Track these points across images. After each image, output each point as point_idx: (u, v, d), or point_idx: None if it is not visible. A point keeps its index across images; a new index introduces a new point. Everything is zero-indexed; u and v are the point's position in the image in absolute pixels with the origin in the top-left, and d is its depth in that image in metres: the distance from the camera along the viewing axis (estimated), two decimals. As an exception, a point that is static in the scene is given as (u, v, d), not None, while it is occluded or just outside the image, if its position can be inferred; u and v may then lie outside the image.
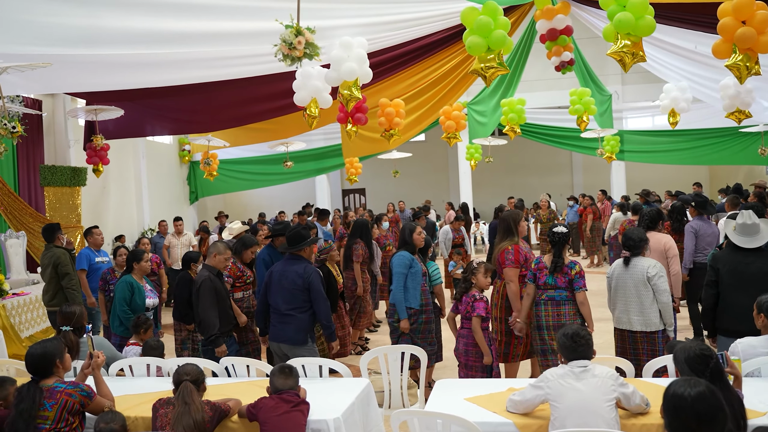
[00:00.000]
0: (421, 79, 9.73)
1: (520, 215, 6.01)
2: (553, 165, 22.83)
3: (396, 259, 5.85)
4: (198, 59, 6.69)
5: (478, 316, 5.16)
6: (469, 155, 14.48)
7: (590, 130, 13.27)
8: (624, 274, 5.33)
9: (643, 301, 5.20)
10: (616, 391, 3.26)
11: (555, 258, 5.25)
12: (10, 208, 10.97)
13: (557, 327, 5.09)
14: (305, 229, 5.52)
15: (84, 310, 4.84)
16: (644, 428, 3.31)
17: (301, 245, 5.39)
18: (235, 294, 6.20)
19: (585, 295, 5.15)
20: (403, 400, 4.81)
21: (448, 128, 10.45)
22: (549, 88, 16.46)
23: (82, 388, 3.63)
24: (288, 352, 5.16)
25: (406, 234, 5.98)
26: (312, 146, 17.10)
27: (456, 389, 4.08)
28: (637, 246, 5.32)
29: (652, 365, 4.31)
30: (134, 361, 4.87)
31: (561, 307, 5.20)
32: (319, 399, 3.86)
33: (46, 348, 3.68)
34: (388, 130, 8.98)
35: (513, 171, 22.71)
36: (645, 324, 5.21)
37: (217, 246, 5.66)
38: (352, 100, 6.38)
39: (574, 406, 3.22)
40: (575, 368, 3.34)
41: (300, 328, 5.23)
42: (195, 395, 3.56)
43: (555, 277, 5.22)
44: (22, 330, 8.45)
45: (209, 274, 5.49)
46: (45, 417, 3.46)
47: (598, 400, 3.21)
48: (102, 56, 6.03)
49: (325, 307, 5.26)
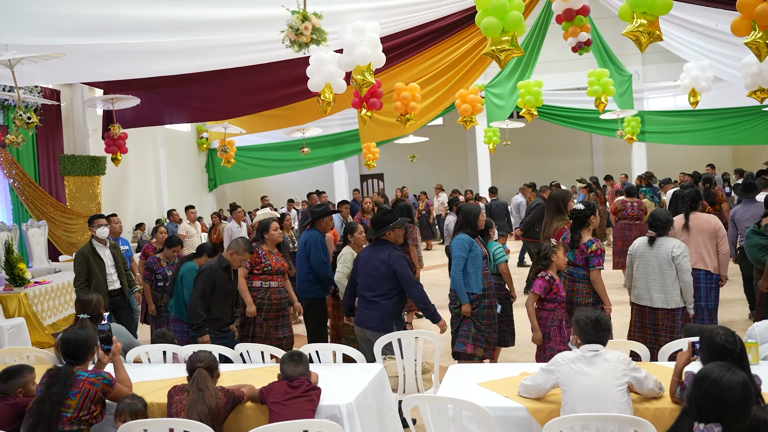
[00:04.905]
0: (436, 63, 9.67)
1: (569, 194, 6.09)
2: (573, 147, 22.61)
3: (455, 243, 5.64)
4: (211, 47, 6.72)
5: (533, 293, 5.11)
6: (487, 138, 14.40)
7: (610, 111, 13.14)
8: (648, 252, 5.38)
9: (666, 279, 5.26)
10: (627, 376, 3.24)
11: (572, 234, 5.36)
12: (31, 197, 11.14)
13: (570, 302, 5.23)
14: (388, 213, 5.38)
15: (101, 297, 4.89)
16: (658, 412, 3.29)
17: (383, 230, 5.29)
18: (253, 282, 6.00)
19: (598, 273, 5.21)
20: (417, 385, 4.83)
21: (464, 112, 10.39)
22: (567, 69, 16.25)
23: (103, 376, 3.67)
24: (372, 338, 5.12)
25: (471, 217, 5.76)
26: (329, 132, 17.10)
27: (469, 374, 4.07)
28: (663, 226, 5.38)
29: (668, 348, 4.28)
30: (150, 348, 4.93)
31: (576, 283, 5.30)
32: (331, 384, 3.88)
33: (88, 334, 3.74)
34: (404, 114, 8.96)
35: (532, 154, 22.53)
36: (666, 301, 5.28)
37: (239, 244, 5.51)
38: (365, 85, 6.37)
39: (585, 391, 3.21)
40: (587, 353, 3.33)
41: (384, 315, 5.19)
42: (209, 382, 3.60)
43: (574, 254, 5.31)
44: (44, 318, 8.60)
45: (216, 265, 5.46)
46: (68, 405, 3.50)
47: (609, 385, 3.19)
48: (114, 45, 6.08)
49: (417, 291, 5.17)
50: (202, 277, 5.42)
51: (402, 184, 19.39)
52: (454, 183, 21.68)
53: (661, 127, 16.92)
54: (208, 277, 5.41)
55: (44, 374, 3.65)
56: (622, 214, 9.99)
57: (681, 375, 3.30)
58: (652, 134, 16.91)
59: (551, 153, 22.64)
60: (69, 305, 9.11)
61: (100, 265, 6.83)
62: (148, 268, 7.26)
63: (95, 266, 6.78)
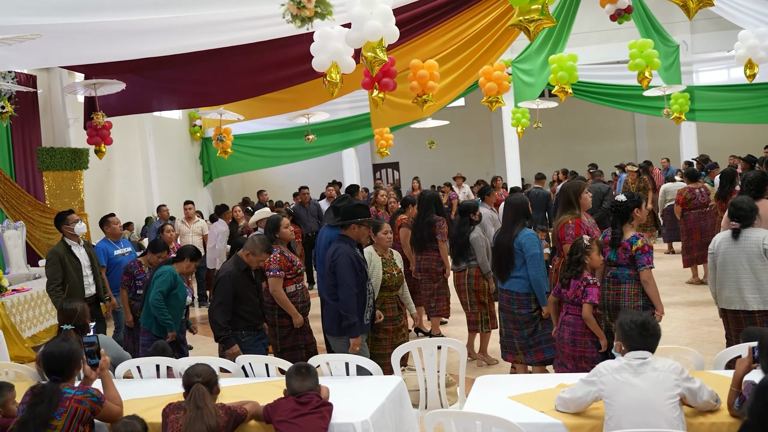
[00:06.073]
0: (456, 36, 9.63)
1: (581, 186, 6.04)
2: (613, 129, 22.46)
3: (528, 239, 5.71)
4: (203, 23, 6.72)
5: (591, 303, 5.04)
6: (515, 121, 14.33)
7: (654, 87, 13.01)
8: (733, 248, 5.32)
9: (760, 276, 5.20)
10: (679, 387, 3.22)
11: (612, 230, 5.29)
12: (7, 195, 11.22)
13: (615, 307, 5.17)
14: (362, 206, 5.41)
15: (86, 307, 4.94)
16: (714, 427, 3.28)
17: (348, 221, 5.32)
18: (287, 288, 5.90)
19: (650, 273, 5.14)
20: (441, 400, 4.83)
21: (489, 91, 10.34)
22: (605, 40, 16.10)
23: (92, 393, 3.70)
24: (331, 343, 5.18)
25: (523, 207, 5.86)
26: (336, 117, 17.09)
27: (499, 387, 4.08)
28: (748, 216, 5.31)
29: (725, 355, 4.25)
30: (142, 361, 4.97)
31: (621, 285, 5.24)
32: (345, 400, 3.90)
33: (73, 346, 3.77)
34: (421, 95, 8.92)
35: (566, 138, 22.41)
36: (763, 302, 5.22)
37: (254, 244, 5.48)
38: (377, 63, 6.35)
39: (631, 404, 3.19)
40: (633, 361, 3.31)
41: (333, 316, 5.26)
42: (208, 398, 3.62)
43: (616, 253, 5.24)
44: (23, 329, 8.68)
45: (234, 270, 5.46)
46: (54, 426, 3.51)
47: (658, 397, 3.18)
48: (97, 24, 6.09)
49: (344, 295, 5.20)
50: (219, 286, 5.44)
51: (419, 174, 19.38)
52: (479, 172, 21.61)
53: (713, 105, 16.74)
54: (227, 286, 5.40)
55: (26, 392, 3.68)
56: (693, 203, 9.92)
57: (740, 385, 3.28)
58: (702, 112, 16.74)
59: (588, 136, 22.50)
60: (51, 315, 9.20)
61: (76, 266, 6.80)
62: (128, 272, 7.08)
63: (71, 267, 6.73)
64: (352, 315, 5.24)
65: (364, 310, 5.43)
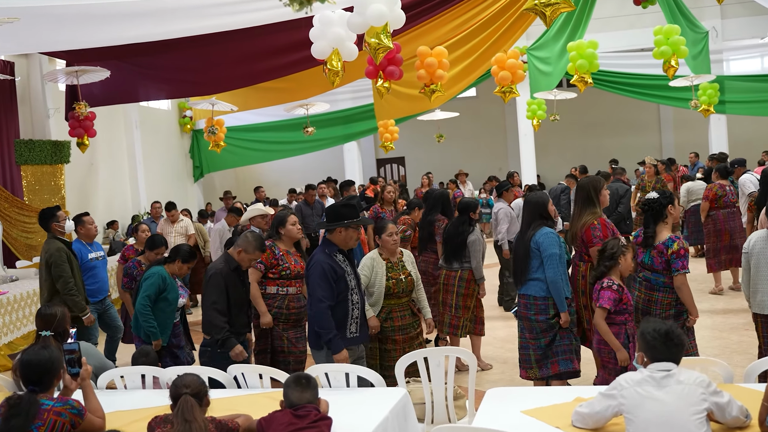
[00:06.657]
0: (467, 21, 9.65)
1: (601, 182, 6.03)
2: (636, 123, 22.45)
3: (546, 239, 5.60)
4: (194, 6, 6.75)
5: (602, 308, 5.02)
6: (531, 113, 14.34)
7: (681, 77, 13.00)
8: None
9: None
10: (707, 401, 3.21)
11: (645, 230, 5.30)
12: (-18, 191, 11.27)
13: (646, 313, 5.20)
14: (349, 207, 5.34)
15: (66, 311, 4.93)
16: (743, 445, 3.27)
17: (334, 224, 5.25)
18: (267, 288, 5.98)
19: (684, 278, 5.15)
20: (448, 414, 4.83)
21: (502, 80, 10.34)
22: (628, 26, 16.12)
23: (72, 405, 3.69)
24: (313, 356, 5.18)
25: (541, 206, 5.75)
26: (337, 108, 17.13)
27: (512, 400, 4.07)
28: None
29: (756, 366, 4.24)
30: (126, 371, 4.97)
31: (654, 292, 5.27)
32: (345, 413, 3.90)
33: (53, 354, 3.76)
34: (429, 85, 8.93)
35: (585, 131, 22.41)
36: None
37: (248, 241, 5.45)
38: (381, 49, 6.36)
39: (654, 420, 3.18)
40: (656, 373, 3.30)
41: (311, 328, 5.27)
42: (197, 411, 3.61)
43: (651, 256, 5.26)
44: None
45: (224, 267, 5.45)
46: None
47: (683, 412, 3.17)
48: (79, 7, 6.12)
49: (314, 310, 5.14)
50: (210, 284, 5.43)
51: (427, 170, 19.37)
52: (491, 167, 21.63)
53: (744, 96, 16.72)
54: (218, 283, 5.39)
55: (2, 403, 3.68)
56: (723, 201, 9.86)
57: (773, 399, 3.27)
58: (733, 104, 16.72)
59: (609, 129, 22.50)
60: (29, 320, 9.20)
61: (77, 266, 6.84)
62: (128, 274, 7.18)
63: (74, 266, 6.78)
64: (327, 330, 5.12)
65: (347, 323, 5.33)
